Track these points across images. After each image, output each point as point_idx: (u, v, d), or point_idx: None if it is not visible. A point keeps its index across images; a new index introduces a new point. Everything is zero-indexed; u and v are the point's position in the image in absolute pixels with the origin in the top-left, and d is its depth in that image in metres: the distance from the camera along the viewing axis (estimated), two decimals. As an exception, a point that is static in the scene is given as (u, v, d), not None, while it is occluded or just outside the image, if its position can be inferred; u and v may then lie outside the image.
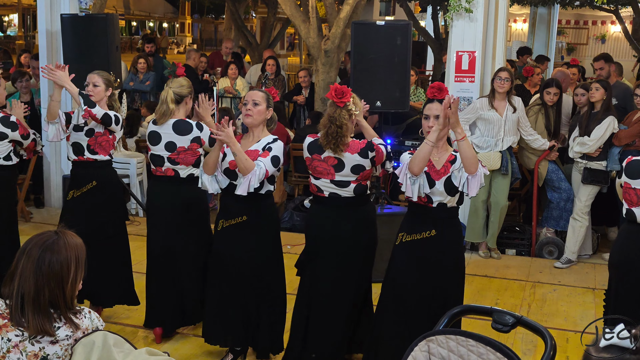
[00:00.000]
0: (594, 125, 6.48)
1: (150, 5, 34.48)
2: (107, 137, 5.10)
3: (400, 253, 4.15)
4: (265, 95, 4.33)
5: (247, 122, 4.31)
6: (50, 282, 2.57)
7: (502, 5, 6.94)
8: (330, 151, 4.23)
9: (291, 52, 35.14)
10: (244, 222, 4.36)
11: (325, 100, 9.51)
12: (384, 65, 6.12)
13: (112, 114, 5.00)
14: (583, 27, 21.92)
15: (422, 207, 4.06)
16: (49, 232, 2.66)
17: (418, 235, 4.06)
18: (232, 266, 4.44)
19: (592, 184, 6.57)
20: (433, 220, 4.05)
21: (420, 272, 4.06)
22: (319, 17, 9.48)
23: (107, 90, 5.13)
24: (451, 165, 4.01)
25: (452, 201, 4.05)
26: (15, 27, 34.06)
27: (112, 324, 5.09)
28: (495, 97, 6.61)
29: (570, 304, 5.75)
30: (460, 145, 3.84)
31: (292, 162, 8.43)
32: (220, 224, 4.45)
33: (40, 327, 2.56)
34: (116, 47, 7.30)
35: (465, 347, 2.51)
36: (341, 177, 4.26)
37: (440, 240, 4.05)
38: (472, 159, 3.86)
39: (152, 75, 10.42)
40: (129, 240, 5.38)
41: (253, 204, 4.35)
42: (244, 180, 4.12)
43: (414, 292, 4.07)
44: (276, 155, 4.24)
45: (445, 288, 4.07)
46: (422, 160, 3.91)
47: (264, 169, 4.13)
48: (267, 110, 4.33)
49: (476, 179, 3.89)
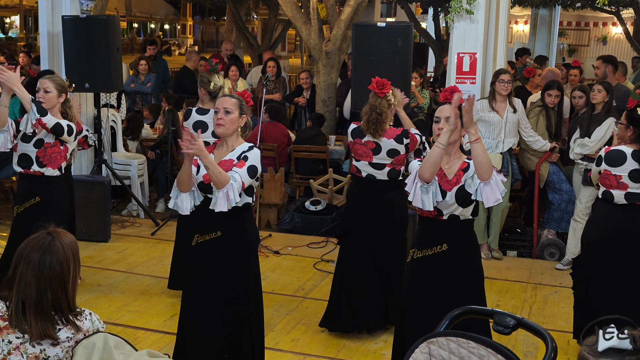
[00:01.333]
0: (594, 126, 6.48)
1: (151, 6, 34.46)
2: (58, 148, 4.75)
3: (412, 270, 4.00)
4: (237, 102, 4.02)
5: (218, 132, 3.99)
6: (52, 284, 2.58)
7: (503, 7, 6.94)
8: (370, 136, 4.86)
9: (292, 54, 35.15)
10: (218, 237, 3.99)
11: (326, 102, 9.55)
12: (385, 66, 6.12)
13: (65, 124, 4.69)
14: (584, 29, 21.91)
15: (432, 220, 3.87)
16: (42, 234, 2.65)
17: (429, 251, 3.87)
18: (207, 285, 4.05)
19: (592, 185, 6.56)
20: (444, 234, 3.86)
21: (433, 289, 3.89)
22: (320, 19, 9.49)
23: (60, 96, 4.80)
24: (464, 173, 3.80)
25: (464, 213, 3.84)
26: (16, 28, 34.09)
27: (113, 326, 5.08)
28: (496, 98, 6.61)
29: (571, 306, 5.73)
30: (474, 147, 3.64)
31: (294, 164, 8.43)
32: (195, 238, 4.07)
33: (43, 332, 2.56)
34: (117, 48, 7.31)
35: (466, 348, 2.51)
36: (378, 159, 4.88)
37: (453, 255, 3.86)
38: (486, 164, 3.65)
39: (154, 76, 10.43)
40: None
41: (230, 218, 3.97)
42: (220, 195, 3.79)
43: (427, 306, 3.89)
44: (253, 165, 3.92)
45: (460, 302, 3.86)
46: (433, 165, 3.67)
47: (239, 181, 3.82)
48: (240, 118, 4.02)
49: (489, 186, 3.68)
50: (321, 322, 5.17)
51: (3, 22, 35.84)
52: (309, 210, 7.73)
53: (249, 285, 4.08)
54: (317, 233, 7.50)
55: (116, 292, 5.86)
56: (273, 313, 5.49)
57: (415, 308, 3.95)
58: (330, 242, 7.28)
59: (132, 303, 5.61)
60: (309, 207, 7.74)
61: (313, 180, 8.12)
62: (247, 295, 4.06)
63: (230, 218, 3.94)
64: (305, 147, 8.36)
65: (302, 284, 6.15)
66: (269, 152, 8.16)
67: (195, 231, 4.09)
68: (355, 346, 4.98)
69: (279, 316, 5.44)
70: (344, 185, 8.12)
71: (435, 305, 3.83)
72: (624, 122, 4.79)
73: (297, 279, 6.26)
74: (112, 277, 6.21)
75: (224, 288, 4.00)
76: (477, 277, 3.98)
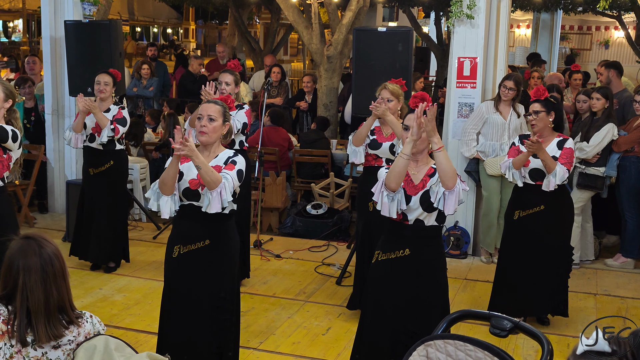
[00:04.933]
0: (594, 131, 6.50)
1: (154, 10, 34.51)
2: (0, 156, 4.43)
3: (374, 271, 4.02)
4: (221, 109, 3.97)
5: (201, 140, 3.92)
6: (57, 280, 2.61)
7: (503, 12, 6.96)
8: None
9: (295, 58, 35.18)
10: (205, 246, 3.93)
11: (328, 106, 9.57)
12: (386, 71, 6.14)
13: (9, 129, 4.38)
14: (586, 33, 21.90)
15: (397, 224, 3.88)
16: (22, 243, 2.64)
17: (392, 254, 3.89)
18: (189, 298, 3.99)
19: (586, 189, 6.59)
20: (408, 239, 3.87)
21: (394, 290, 3.91)
22: (321, 23, 9.52)
23: (7, 101, 4.48)
24: (429, 179, 3.82)
25: (429, 218, 3.84)
26: (20, 32, 34.15)
27: (114, 329, 5.11)
28: (501, 101, 6.62)
29: (571, 310, 5.74)
30: (437, 156, 3.66)
31: (295, 168, 8.45)
32: (176, 250, 3.98)
33: (52, 334, 2.57)
34: (119, 53, 7.34)
35: (463, 351, 2.53)
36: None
37: (415, 259, 3.86)
38: (450, 172, 3.65)
39: (156, 81, 10.44)
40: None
41: (218, 226, 3.94)
42: (213, 195, 3.76)
43: (390, 304, 3.92)
44: (241, 170, 3.94)
45: (419, 306, 3.89)
46: (398, 175, 3.72)
47: (231, 180, 3.83)
48: (224, 125, 3.98)
49: (454, 195, 3.68)
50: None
51: (6, 26, 35.91)
52: (310, 214, 7.75)
53: (234, 293, 4.10)
54: (318, 237, 7.52)
55: (118, 295, 5.89)
56: (274, 316, 5.51)
57: (375, 307, 3.98)
58: (332, 246, 7.30)
59: (133, 306, 5.63)
60: (310, 211, 7.77)
61: (314, 184, 8.14)
62: (232, 303, 4.08)
63: (217, 226, 3.94)
64: (307, 150, 8.38)
65: (303, 287, 6.17)
66: (270, 156, 8.18)
67: (176, 242, 4.00)
68: (355, 349, 4.99)
69: (279, 319, 5.46)
70: (345, 189, 8.14)
71: (397, 307, 3.89)
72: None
73: (298, 282, 6.28)
74: (113, 280, 6.23)
75: (212, 297, 3.97)
76: (438, 284, 3.95)
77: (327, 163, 8.40)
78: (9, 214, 4.64)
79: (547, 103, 5.12)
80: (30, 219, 7.82)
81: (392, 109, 5.23)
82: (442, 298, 3.98)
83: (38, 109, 8.32)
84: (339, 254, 7.05)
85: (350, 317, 5.52)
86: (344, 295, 5.87)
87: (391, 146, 5.30)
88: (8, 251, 2.64)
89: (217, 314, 4.00)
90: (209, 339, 4.02)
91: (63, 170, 8.18)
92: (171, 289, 4.06)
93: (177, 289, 4.02)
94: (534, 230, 5.22)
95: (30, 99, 8.26)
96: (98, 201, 6.34)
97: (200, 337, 4.01)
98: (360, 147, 5.38)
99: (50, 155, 8.11)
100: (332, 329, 5.33)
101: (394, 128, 5.17)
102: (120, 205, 6.48)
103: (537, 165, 5.09)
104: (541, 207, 5.16)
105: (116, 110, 6.22)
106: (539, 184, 5.13)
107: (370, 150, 5.39)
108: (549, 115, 5.10)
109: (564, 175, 5.03)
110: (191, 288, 3.98)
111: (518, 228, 5.28)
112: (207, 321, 3.99)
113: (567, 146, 5.11)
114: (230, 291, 4.05)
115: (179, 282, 4.01)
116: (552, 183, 5.04)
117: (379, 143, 5.35)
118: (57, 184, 8.24)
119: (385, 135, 5.34)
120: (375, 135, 5.36)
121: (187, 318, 4.00)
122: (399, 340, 3.84)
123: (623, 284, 6.45)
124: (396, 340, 3.86)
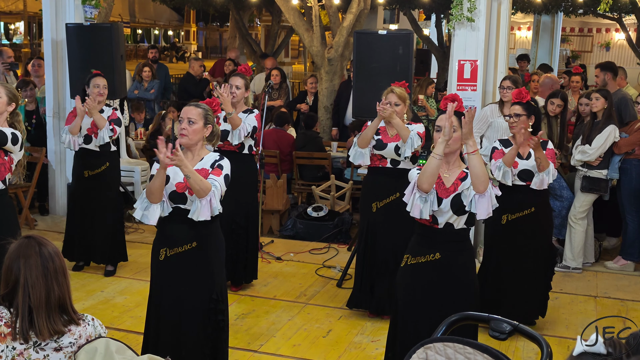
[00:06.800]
0: (595, 134, 6.50)
1: (155, 13, 34.59)
2: (2, 159, 4.45)
3: (403, 275, 4.01)
4: (202, 112, 4.01)
5: (182, 142, 3.94)
6: (57, 276, 2.63)
7: (504, 14, 6.97)
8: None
9: (296, 60, 35.20)
10: (193, 248, 3.95)
11: (328, 108, 9.58)
12: (386, 74, 6.15)
13: (9, 132, 4.40)
14: (587, 35, 21.93)
15: (428, 228, 3.89)
16: (22, 242, 2.66)
17: (422, 258, 3.88)
18: (179, 300, 4.00)
19: (591, 192, 6.59)
20: (438, 243, 3.86)
21: (424, 296, 3.91)
22: (322, 26, 9.54)
23: (10, 104, 4.51)
24: (461, 182, 3.82)
25: (459, 221, 3.85)
26: (21, 35, 34.22)
27: (116, 331, 5.12)
28: (504, 104, 6.62)
29: (571, 312, 5.76)
30: (470, 159, 3.66)
31: (297, 170, 8.46)
32: (163, 253, 3.98)
33: (54, 329, 2.59)
34: (121, 55, 7.35)
35: (462, 354, 2.53)
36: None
37: (446, 263, 3.85)
38: (482, 176, 3.64)
39: (157, 83, 10.45)
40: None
41: (205, 228, 3.96)
42: (203, 203, 3.79)
43: (419, 313, 3.92)
44: (227, 174, 3.98)
45: (450, 311, 3.91)
46: (431, 176, 3.71)
47: (219, 188, 3.86)
48: (205, 128, 4.00)
49: (485, 199, 3.68)
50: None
51: (8, 28, 36.00)
52: (311, 216, 7.76)
53: (223, 293, 4.12)
54: (319, 239, 7.53)
55: (119, 297, 5.90)
56: (275, 319, 5.52)
57: (410, 314, 3.96)
58: (332, 249, 7.31)
59: (134, 309, 5.64)
60: (311, 214, 7.78)
61: (315, 186, 8.15)
62: (224, 303, 4.10)
63: (205, 227, 3.95)
64: (307, 153, 8.39)
65: (304, 289, 6.18)
66: (271, 158, 8.19)
67: (162, 245, 4.00)
68: (356, 352, 5.00)
69: (280, 322, 5.47)
70: (346, 191, 8.15)
71: (427, 311, 3.86)
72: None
73: (299, 284, 6.29)
74: (114, 282, 6.24)
75: (204, 299, 4.00)
76: (469, 287, 3.95)
77: (326, 165, 8.42)
78: (11, 217, 4.66)
79: (528, 107, 5.15)
80: (31, 221, 7.83)
81: (400, 113, 5.25)
82: (473, 301, 3.95)
83: (39, 111, 8.33)
84: (339, 257, 7.05)
85: (351, 319, 5.53)
86: (344, 297, 5.88)
87: (396, 147, 5.30)
88: (8, 251, 2.67)
89: (210, 315, 4.02)
90: (202, 341, 4.03)
91: (64, 172, 8.19)
92: (159, 292, 4.06)
93: (165, 292, 4.03)
94: (525, 232, 5.22)
95: (32, 102, 8.28)
96: (93, 203, 6.33)
97: (192, 340, 4.01)
98: (366, 149, 5.37)
99: (51, 157, 8.12)
100: (333, 331, 5.34)
101: (400, 131, 5.19)
102: (116, 206, 6.49)
103: (526, 166, 5.15)
104: (532, 210, 5.19)
105: (110, 111, 6.22)
106: (528, 184, 5.18)
107: (375, 151, 5.39)
108: (529, 119, 5.13)
109: (555, 173, 5.15)
110: (180, 291, 3.98)
111: (507, 231, 5.26)
112: (199, 323, 4.00)
113: (549, 147, 5.19)
114: (220, 291, 4.07)
115: (167, 285, 4.02)
116: (545, 181, 5.09)
117: (384, 143, 5.35)
118: (58, 186, 8.25)
119: (391, 135, 5.35)
120: (380, 135, 5.38)
121: (178, 321, 4.00)
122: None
123: (623, 287, 6.46)
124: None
